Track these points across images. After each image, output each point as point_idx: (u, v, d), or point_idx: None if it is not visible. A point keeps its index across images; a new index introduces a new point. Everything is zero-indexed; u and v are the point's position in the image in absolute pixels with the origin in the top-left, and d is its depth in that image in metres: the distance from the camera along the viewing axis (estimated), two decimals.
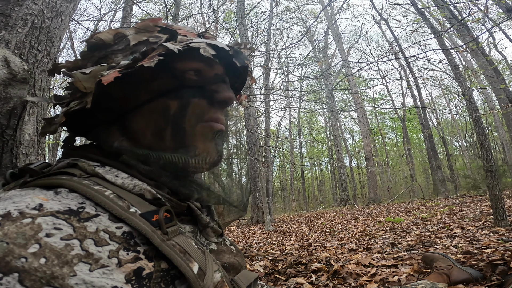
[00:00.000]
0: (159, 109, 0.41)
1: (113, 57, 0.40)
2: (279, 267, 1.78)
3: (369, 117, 16.22)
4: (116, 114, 0.42)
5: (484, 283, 1.10)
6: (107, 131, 0.42)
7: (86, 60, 0.41)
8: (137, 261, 0.28)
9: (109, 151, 0.40)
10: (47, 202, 0.28)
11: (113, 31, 0.42)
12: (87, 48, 0.42)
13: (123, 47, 0.41)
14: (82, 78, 0.36)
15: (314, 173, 23.89)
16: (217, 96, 0.43)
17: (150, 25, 0.42)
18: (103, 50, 0.41)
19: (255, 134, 6.84)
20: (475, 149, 11.33)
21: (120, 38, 0.41)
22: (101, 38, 0.41)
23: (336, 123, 14.53)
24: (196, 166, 0.41)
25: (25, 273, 0.22)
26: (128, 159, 0.39)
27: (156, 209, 0.34)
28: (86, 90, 0.37)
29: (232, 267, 0.42)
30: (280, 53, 12.10)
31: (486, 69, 6.06)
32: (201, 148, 0.42)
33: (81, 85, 0.37)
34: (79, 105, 0.38)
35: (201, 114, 0.42)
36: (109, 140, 0.41)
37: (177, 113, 0.41)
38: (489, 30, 6.08)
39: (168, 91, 0.41)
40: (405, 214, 4.75)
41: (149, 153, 0.39)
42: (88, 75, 0.36)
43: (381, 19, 6.03)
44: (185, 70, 0.42)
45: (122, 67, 0.37)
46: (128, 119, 0.42)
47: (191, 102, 0.41)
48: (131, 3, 4.82)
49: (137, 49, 0.40)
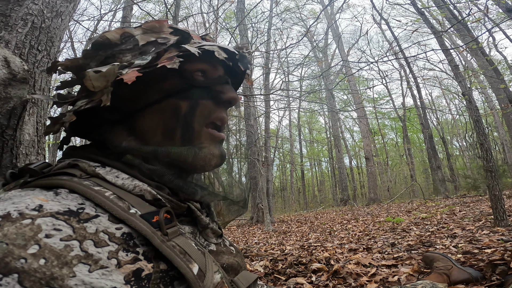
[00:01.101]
0: (170, 109, 0.41)
1: (121, 57, 0.41)
2: (279, 267, 1.78)
3: (369, 117, 16.22)
4: (122, 114, 0.42)
5: (484, 283, 1.10)
6: (111, 130, 0.42)
7: (89, 59, 0.41)
8: (136, 262, 0.28)
9: (116, 151, 0.40)
10: (46, 203, 0.28)
11: (120, 30, 0.42)
12: (91, 47, 0.42)
13: (132, 47, 0.41)
14: (93, 77, 0.36)
15: (314, 173, 23.90)
16: (223, 96, 0.45)
17: (156, 26, 0.42)
18: (109, 49, 0.41)
19: (255, 134, 6.84)
20: (475, 149, 11.33)
21: (127, 38, 0.42)
22: (108, 37, 0.41)
23: (336, 123, 14.52)
24: (203, 165, 0.42)
25: (25, 274, 0.22)
26: (133, 158, 0.39)
27: (156, 210, 0.34)
28: (95, 89, 0.37)
29: (231, 268, 0.42)
30: (280, 53, 12.10)
31: (486, 69, 6.06)
32: (207, 148, 0.43)
33: (91, 84, 0.37)
34: (89, 104, 0.37)
35: (208, 114, 0.43)
36: (116, 140, 0.41)
37: (187, 113, 0.42)
38: (489, 30, 6.08)
39: (178, 92, 0.42)
40: (405, 214, 4.75)
41: (159, 150, 0.40)
42: (100, 74, 0.36)
43: (381, 19, 6.03)
44: (193, 71, 0.43)
45: (140, 66, 0.37)
46: (135, 119, 0.42)
47: (199, 103, 0.42)
48: (131, 3, 4.83)
49: (146, 49, 0.41)
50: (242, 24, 6.78)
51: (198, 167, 0.43)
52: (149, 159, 0.40)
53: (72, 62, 0.42)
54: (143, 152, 0.40)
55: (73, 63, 0.42)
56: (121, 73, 0.36)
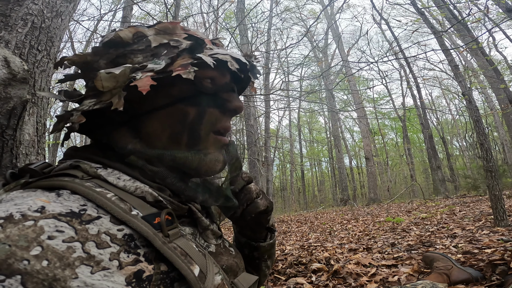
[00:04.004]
0: (178, 114, 0.41)
1: (133, 57, 0.40)
2: (279, 267, 1.78)
3: (369, 117, 16.22)
4: (128, 115, 0.42)
5: (484, 283, 1.10)
6: (116, 131, 0.42)
7: (99, 56, 0.41)
8: (137, 264, 0.28)
9: (121, 153, 0.39)
10: (49, 204, 0.28)
11: (133, 29, 0.41)
12: (102, 45, 0.41)
13: (144, 48, 0.41)
14: (104, 77, 0.36)
15: (314, 173, 23.90)
16: (229, 105, 0.44)
17: (169, 27, 0.42)
18: (121, 48, 0.41)
19: (255, 134, 6.83)
20: (475, 149, 11.34)
21: (140, 37, 0.41)
22: (121, 35, 0.41)
23: (336, 123, 14.52)
24: (207, 170, 0.42)
25: (28, 276, 0.22)
26: (136, 160, 0.39)
27: (158, 212, 0.34)
28: (104, 89, 0.37)
29: (230, 269, 0.42)
30: (280, 53, 12.09)
31: (486, 69, 6.06)
32: (212, 154, 0.43)
33: (100, 84, 0.37)
34: (98, 104, 0.37)
35: (215, 122, 0.43)
36: (121, 142, 0.40)
37: (195, 120, 0.42)
38: (489, 30, 6.07)
39: (187, 98, 0.42)
40: (405, 214, 4.75)
41: (165, 154, 0.40)
42: (111, 75, 0.36)
43: (381, 19, 6.03)
44: (203, 78, 0.43)
45: (153, 71, 0.37)
46: (141, 121, 0.42)
47: (207, 111, 0.42)
48: (131, 3, 4.82)
49: (158, 51, 0.40)
50: (242, 24, 6.77)
51: (202, 172, 0.43)
52: (153, 161, 0.40)
53: (80, 57, 0.41)
54: (148, 155, 0.40)
55: (80, 59, 0.41)
56: (134, 77, 0.36)
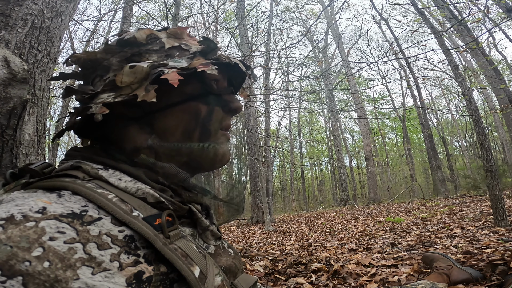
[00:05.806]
0: (192, 111, 0.44)
1: (147, 56, 0.42)
2: (279, 267, 1.78)
3: (369, 117, 16.24)
4: (143, 111, 0.43)
5: (484, 283, 1.10)
6: (128, 128, 0.42)
7: (110, 54, 0.42)
8: (138, 265, 0.28)
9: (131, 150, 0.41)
10: (50, 205, 0.28)
11: (148, 31, 0.44)
12: (116, 43, 0.43)
13: (158, 48, 0.43)
14: (126, 72, 0.38)
15: (314, 173, 23.90)
16: (231, 105, 0.48)
17: (178, 32, 0.46)
18: (136, 48, 0.43)
19: (255, 134, 6.84)
20: (475, 149, 11.34)
21: (153, 39, 0.44)
22: (135, 36, 0.43)
23: (336, 123, 14.52)
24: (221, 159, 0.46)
25: (29, 277, 0.22)
26: (146, 158, 0.40)
27: (159, 213, 0.35)
28: (122, 84, 0.39)
29: (229, 270, 0.42)
30: (280, 53, 12.10)
31: (486, 69, 6.06)
32: (224, 144, 0.47)
33: (120, 78, 0.39)
34: (118, 97, 0.39)
35: (221, 120, 0.47)
36: (138, 138, 0.42)
37: (205, 117, 0.44)
38: (489, 30, 6.08)
39: (198, 96, 0.44)
40: (405, 214, 4.75)
41: (183, 147, 0.43)
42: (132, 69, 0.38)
43: (381, 19, 6.03)
44: (211, 79, 0.46)
45: (177, 68, 0.39)
46: (155, 117, 0.43)
47: (215, 109, 0.46)
48: (131, 3, 4.82)
49: (171, 52, 0.43)
50: (242, 24, 6.78)
51: (217, 161, 0.46)
52: (164, 158, 0.42)
53: (88, 55, 0.43)
54: (167, 149, 0.42)
55: (89, 56, 0.43)
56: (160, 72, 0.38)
